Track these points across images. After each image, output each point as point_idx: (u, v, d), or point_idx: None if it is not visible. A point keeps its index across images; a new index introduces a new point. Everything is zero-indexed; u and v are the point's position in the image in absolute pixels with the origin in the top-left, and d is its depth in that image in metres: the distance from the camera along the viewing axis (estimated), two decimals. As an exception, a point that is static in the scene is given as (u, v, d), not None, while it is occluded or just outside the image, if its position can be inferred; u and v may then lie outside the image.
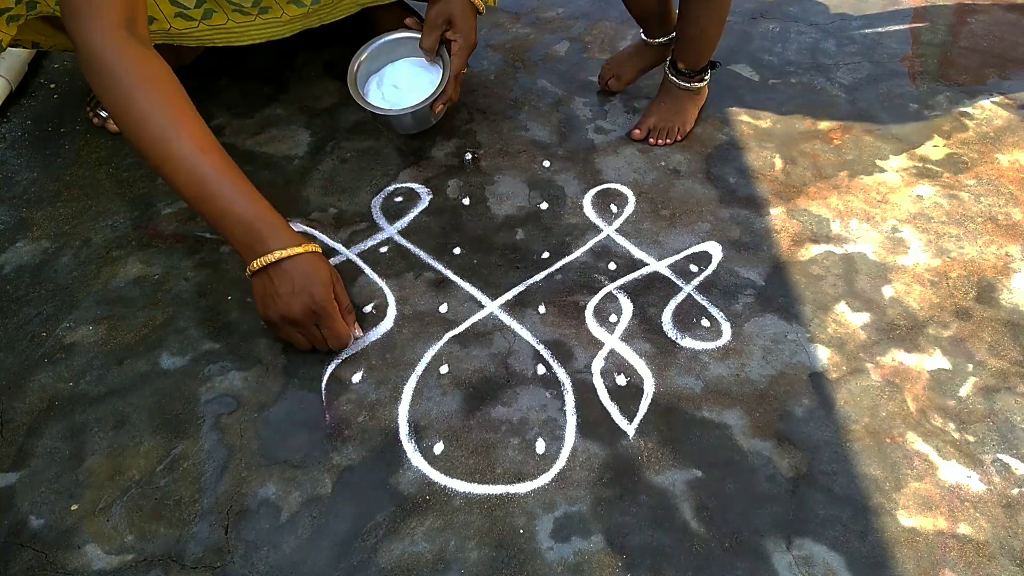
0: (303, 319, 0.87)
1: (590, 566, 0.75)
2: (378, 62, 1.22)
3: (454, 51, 1.15)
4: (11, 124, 1.30)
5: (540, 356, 0.94)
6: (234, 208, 0.85)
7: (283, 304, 0.87)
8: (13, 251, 1.08)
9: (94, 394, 0.90)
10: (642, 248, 1.07)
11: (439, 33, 1.15)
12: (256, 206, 0.87)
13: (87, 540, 0.77)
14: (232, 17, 1.10)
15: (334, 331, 0.90)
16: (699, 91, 1.23)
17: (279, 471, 0.83)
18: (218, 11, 1.09)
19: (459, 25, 1.14)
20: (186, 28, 1.09)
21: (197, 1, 1.07)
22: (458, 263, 1.05)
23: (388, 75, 1.21)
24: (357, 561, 0.76)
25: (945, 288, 1.01)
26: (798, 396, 0.89)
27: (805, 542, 0.77)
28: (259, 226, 0.86)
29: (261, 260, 0.86)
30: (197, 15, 1.08)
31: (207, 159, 0.85)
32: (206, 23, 1.10)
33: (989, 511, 0.79)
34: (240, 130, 1.28)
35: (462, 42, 1.14)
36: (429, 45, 1.16)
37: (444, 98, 1.15)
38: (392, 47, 1.22)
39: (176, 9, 1.06)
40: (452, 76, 1.15)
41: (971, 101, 1.31)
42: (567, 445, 0.85)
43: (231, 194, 0.85)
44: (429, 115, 1.17)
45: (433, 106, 1.15)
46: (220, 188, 0.85)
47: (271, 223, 0.87)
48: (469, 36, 1.15)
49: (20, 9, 1.03)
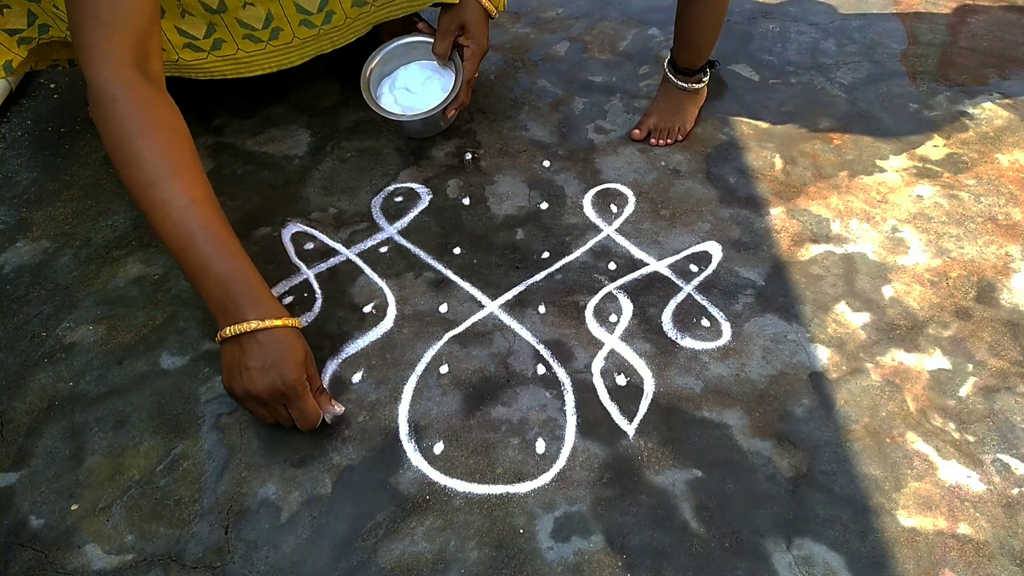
0: (269, 398, 0.80)
1: (590, 566, 0.75)
2: (390, 66, 1.23)
3: (466, 56, 1.15)
4: (11, 124, 1.31)
5: (540, 356, 0.94)
6: (215, 266, 0.79)
7: (249, 379, 0.79)
8: (13, 251, 1.08)
9: (94, 394, 0.90)
10: (642, 248, 1.07)
11: (452, 38, 1.15)
12: (239, 268, 0.81)
13: (87, 540, 0.77)
14: (242, 46, 1.08)
15: (303, 413, 0.82)
16: (698, 91, 1.23)
17: (279, 471, 0.83)
18: (228, 40, 1.07)
19: (472, 31, 1.14)
20: (195, 60, 1.07)
21: (207, 31, 1.04)
22: (458, 263, 1.05)
23: (400, 79, 1.22)
24: (357, 561, 0.76)
25: (945, 288, 1.01)
26: (798, 396, 0.89)
27: (805, 542, 0.77)
28: (237, 290, 0.80)
29: (234, 328, 0.79)
30: (206, 45, 1.06)
31: (197, 211, 0.79)
32: (215, 54, 1.08)
33: (989, 511, 0.79)
34: (240, 130, 1.28)
35: (475, 47, 1.14)
36: (442, 50, 1.16)
37: (456, 103, 1.16)
38: (405, 51, 1.22)
39: (185, 40, 1.04)
40: (464, 81, 1.15)
41: (971, 101, 1.30)
42: (567, 445, 0.85)
43: (215, 252, 0.79)
44: (441, 120, 1.18)
45: (446, 111, 1.15)
46: (204, 243, 0.79)
47: (252, 289, 0.81)
48: (482, 41, 1.15)
49: (32, 32, 1.03)
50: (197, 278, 0.80)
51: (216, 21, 1.03)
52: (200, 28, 1.04)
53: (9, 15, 1.01)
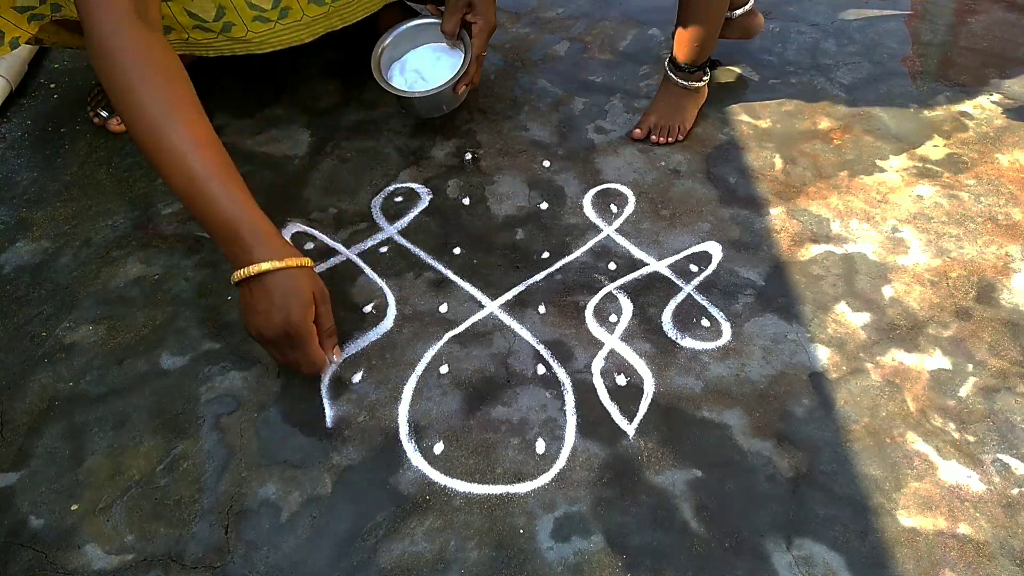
0: (276, 340, 0.83)
1: (590, 566, 0.75)
2: (400, 48, 1.24)
3: (474, 33, 1.16)
4: (11, 124, 1.31)
5: (540, 356, 0.94)
6: (221, 209, 0.80)
7: (260, 321, 0.82)
8: (13, 251, 1.08)
9: (94, 394, 0.90)
10: (642, 248, 1.07)
11: (460, 16, 1.16)
12: (244, 210, 0.81)
13: (87, 540, 0.77)
14: (252, 28, 1.09)
15: (307, 357, 0.84)
16: (699, 90, 1.23)
17: (279, 471, 0.83)
18: (238, 23, 1.07)
19: (479, 7, 1.15)
20: (204, 39, 1.08)
21: (216, 14, 1.05)
22: (458, 263, 1.05)
23: (411, 61, 1.23)
24: (357, 561, 0.76)
25: (945, 288, 1.01)
26: (798, 396, 0.89)
27: (805, 542, 0.76)
28: (245, 233, 0.81)
29: (244, 271, 0.81)
30: (216, 27, 1.07)
31: (200, 153, 0.80)
32: (225, 35, 1.09)
33: (989, 511, 0.79)
34: (240, 130, 1.28)
35: (482, 23, 1.15)
36: (450, 28, 1.17)
37: (466, 79, 1.17)
38: (414, 33, 1.23)
39: (195, 22, 1.05)
40: (473, 58, 1.16)
41: (971, 101, 1.30)
42: (567, 445, 0.85)
43: (221, 194, 0.80)
44: (452, 97, 1.18)
45: (456, 88, 1.16)
46: (210, 186, 0.80)
47: (259, 231, 0.82)
48: (489, 18, 1.16)
49: (44, 9, 1.03)
50: (205, 221, 0.82)
51: (225, 4, 1.04)
52: (210, 11, 1.05)
53: None
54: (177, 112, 0.81)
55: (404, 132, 1.27)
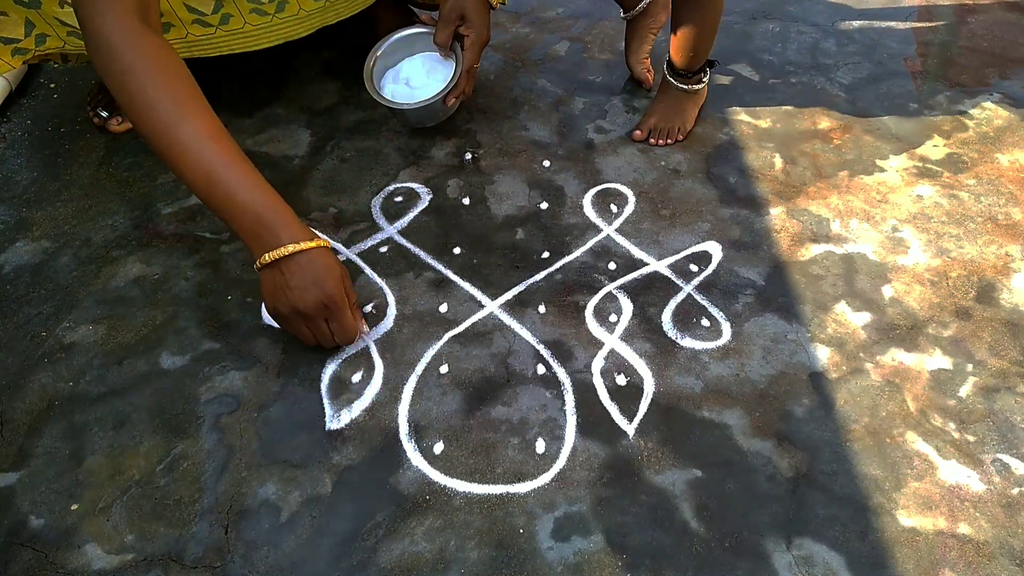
0: (314, 313, 0.87)
1: (590, 566, 0.75)
2: (394, 58, 1.24)
3: (467, 46, 1.16)
4: (11, 124, 1.31)
5: (540, 356, 0.94)
6: (243, 197, 0.83)
7: (296, 297, 0.85)
8: (13, 251, 1.08)
9: (94, 394, 0.90)
10: (642, 248, 1.07)
11: (453, 28, 1.16)
12: (265, 196, 0.85)
13: (87, 540, 0.77)
14: (249, 20, 1.10)
15: (344, 326, 0.90)
16: (698, 91, 1.23)
17: (279, 471, 0.83)
18: (235, 15, 1.09)
19: (472, 20, 1.15)
20: (203, 35, 1.09)
21: (214, 6, 1.06)
22: (458, 263, 1.05)
23: (404, 70, 1.23)
24: (357, 561, 0.76)
25: (945, 288, 1.01)
26: (798, 396, 0.89)
27: (805, 542, 0.76)
28: (269, 216, 0.84)
29: (273, 253, 0.84)
30: (215, 20, 1.08)
31: (216, 146, 0.83)
32: (223, 28, 1.10)
33: (989, 511, 0.79)
34: (240, 130, 1.28)
35: (475, 37, 1.15)
36: (443, 40, 1.17)
37: (456, 91, 1.17)
38: (408, 43, 1.23)
39: (193, 16, 1.06)
40: (464, 70, 1.16)
41: (971, 101, 1.31)
42: (567, 445, 0.85)
43: (239, 182, 0.83)
44: (442, 108, 1.19)
45: (446, 100, 1.16)
46: (228, 175, 0.82)
47: (281, 214, 0.85)
48: (482, 31, 1.16)
49: (29, 43, 1.03)
50: (226, 210, 0.84)
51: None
52: (208, 4, 1.06)
53: (5, 23, 1.01)
54: (187, 108, 0.83)
55: (404, 132, 1.27)
